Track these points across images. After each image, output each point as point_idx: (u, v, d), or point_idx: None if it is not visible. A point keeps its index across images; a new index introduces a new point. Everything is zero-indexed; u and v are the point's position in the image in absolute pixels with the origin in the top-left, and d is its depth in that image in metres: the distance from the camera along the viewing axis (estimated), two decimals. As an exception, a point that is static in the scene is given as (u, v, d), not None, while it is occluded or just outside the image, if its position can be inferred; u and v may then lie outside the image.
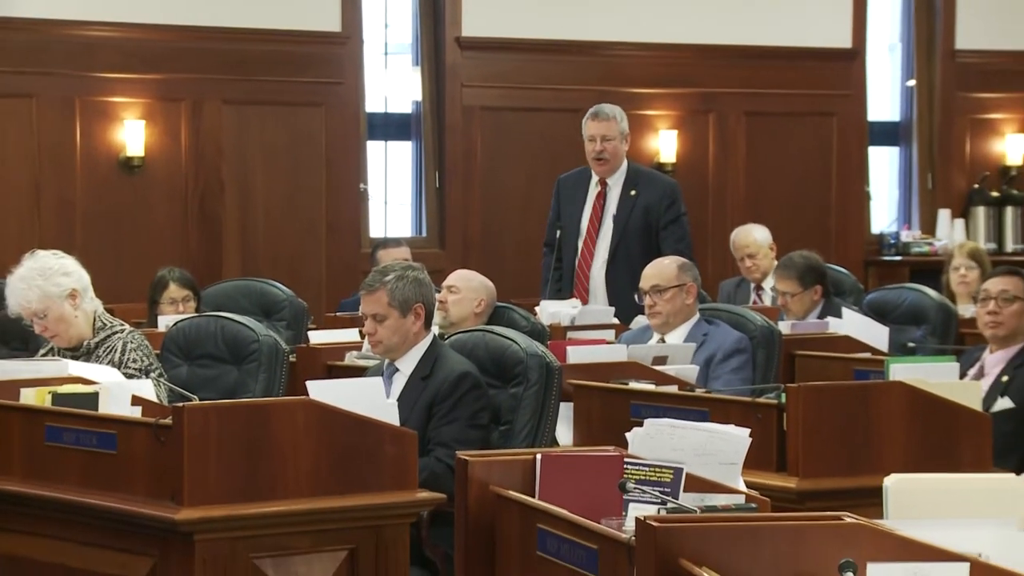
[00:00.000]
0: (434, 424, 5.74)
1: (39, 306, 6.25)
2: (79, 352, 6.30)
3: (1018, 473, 5.72)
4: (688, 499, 3.75)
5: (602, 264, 8.90)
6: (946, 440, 5.41)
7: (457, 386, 5.78)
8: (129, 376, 5.97)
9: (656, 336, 7.16)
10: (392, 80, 12.51)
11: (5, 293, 6.37)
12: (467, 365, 5.89)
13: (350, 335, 7.55)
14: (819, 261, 8.63)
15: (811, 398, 5.38)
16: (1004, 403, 6.43)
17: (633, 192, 8.93)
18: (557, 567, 3.85)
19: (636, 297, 7.32)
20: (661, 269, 7.23)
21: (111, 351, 6.28)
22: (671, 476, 3.81)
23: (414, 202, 12.54)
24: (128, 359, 6.24)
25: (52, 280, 6.27)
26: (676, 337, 7.06)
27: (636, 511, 3.63)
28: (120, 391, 5.40)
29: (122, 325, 6.44)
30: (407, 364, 5.94)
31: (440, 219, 12.34)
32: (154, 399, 5.51)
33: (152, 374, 6.19)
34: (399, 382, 5.91)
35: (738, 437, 4.16)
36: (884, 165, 14.08)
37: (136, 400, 5.37)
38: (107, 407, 5.30)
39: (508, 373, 5.98)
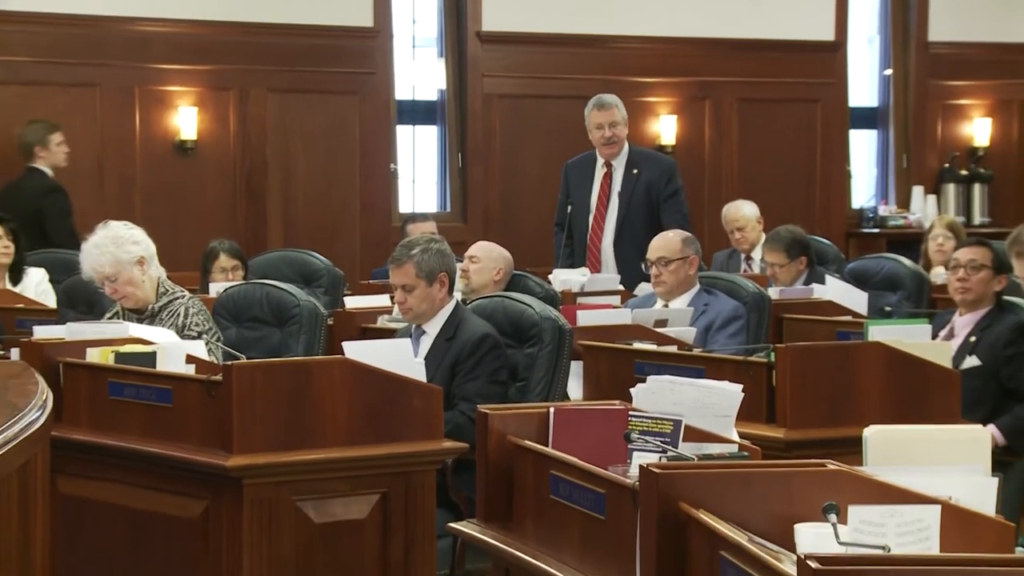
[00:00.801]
0: (458, 381, 5.74)
1: (111, 270, 6.27)
2: (144, 315, 6.31)
3: (984, 424, 5.74)
4: (687, 448, 3.74)
5: (611, 237, 8.90)
6: (919, 395, 5.40)
7: (478, 347, 5.78)
8: (191, 338, 5.98)
9: (660, 303, 7.15)
10: (419, 70, 12.49)
11: (80, 259, 6.40)
12: (487, 327, 5.89)
13: (382, 300, 7.55)
14: (803, 234, 8.61)
15: (798, 357, 5.37)
16: (972, 361, 6.41)
17: (635, 171, 8.93)
18: (568, 509, 3.85)
19: (643, 266, 7.32)
20: (667, 242, 7.21)
21: (174, 315, 6.29)
22: (671, 427, 3.81)
23: (439, 181, 12.53)
24: (191, 323, 6.25)
25: (123, 247, 6.29)
26: (679, 305, 7.04)
27: (640, 459, 3.62)
28: (175, 350, 5.41)
29: (183, 291, 6.44)
30: (433, 327, 5.94)
31: (463, 196, 12.33)
32: (206, 358, 5.51)
33: (209, 336, 6.20)
34: (426, 343, 5.91)
35: (732, 392, 4.15)
36: (863, 146, 14.04)
37: (190, 359, 5.38)
38: (164, 365, 5.31)
39: (524, 335, 5.98)
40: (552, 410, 4.17)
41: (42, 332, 5.79)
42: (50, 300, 8.22)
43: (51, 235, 9.85)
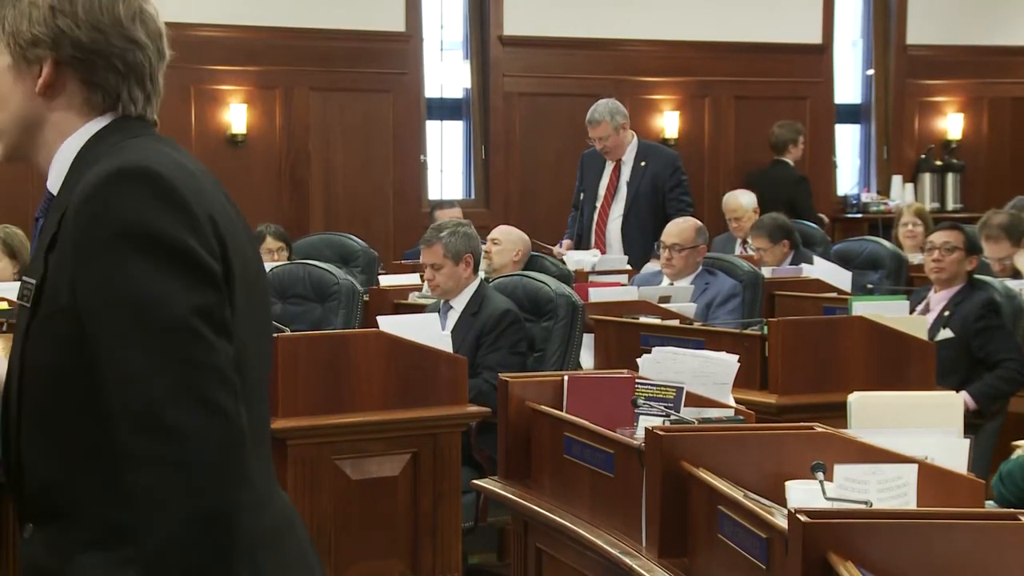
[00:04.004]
0: (481, 352, 5.73)
1: None
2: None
3: (957, 391, 5.71)
4: (687, 413, 3.73)
5: (617, 221, 8.90)
6: (898, 364, 5.39)
7: (500, 321, 5.78)
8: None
9: (666, 281, 7.14)
10: (446, 71, 12.46)
11: None
12: (508, 303, 5.88)
13: (412, 279, 7.55)
14: (785, 220, 8.63)
15: (788, 330, 5.36)
16: (946, 333, 6.40)
17: (643, 163, 8.94)
18: (580, 468, 3.85)
19: (656, 247, 7.32)
20: (683, 231, 7.18)
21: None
22: (674, 394, 3.80)
23: (464, 170, 12.51)
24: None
25: None
26: (683, 284, 7.04)
27: (645, 422, 3.62)
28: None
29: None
30: (459, 303, 5.93)
31: (486, 184, 12.31)
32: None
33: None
34: (452, 318, 5.91)
35: (728, 362, 4.14)
36: (848, 139, 13.99)
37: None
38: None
39: (541, 310, 5.97)
40: (566, 378, 4.16)
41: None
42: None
43: (801, 216, 10.48)
